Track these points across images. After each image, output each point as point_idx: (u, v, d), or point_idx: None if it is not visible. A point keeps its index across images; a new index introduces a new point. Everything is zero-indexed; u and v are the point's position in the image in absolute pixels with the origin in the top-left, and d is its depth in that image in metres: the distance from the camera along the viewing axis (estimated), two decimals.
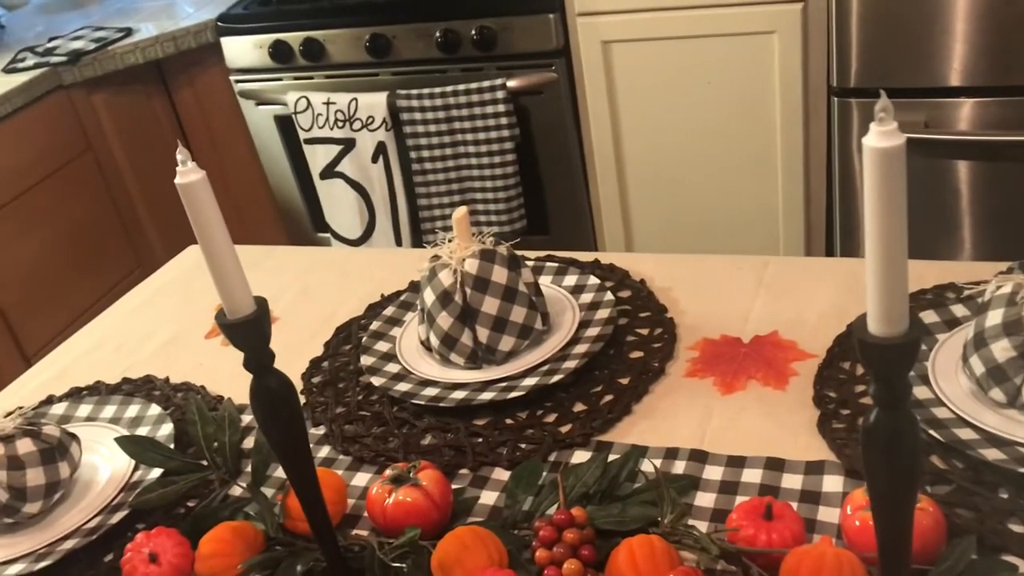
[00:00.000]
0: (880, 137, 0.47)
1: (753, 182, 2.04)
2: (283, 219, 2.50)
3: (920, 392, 0.86)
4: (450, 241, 1.04)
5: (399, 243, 2.27)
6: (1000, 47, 1.69)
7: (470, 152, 2.11)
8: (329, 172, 2.24)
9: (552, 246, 1.30)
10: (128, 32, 2.35)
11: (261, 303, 0.67)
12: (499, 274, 1.01)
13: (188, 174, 0.62)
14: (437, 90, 2.06)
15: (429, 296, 1.02)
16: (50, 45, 2.33)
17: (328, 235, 2.38)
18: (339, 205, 2.28)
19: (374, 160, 2.19)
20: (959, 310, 0.95)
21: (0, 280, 2.13)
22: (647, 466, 0.86)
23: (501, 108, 2.05)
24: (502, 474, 0.90)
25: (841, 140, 1.89)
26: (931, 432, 0.81)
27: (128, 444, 0.89)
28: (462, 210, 1.02)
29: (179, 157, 0.62)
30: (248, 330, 0.66)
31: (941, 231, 1.90)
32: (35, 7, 2.85)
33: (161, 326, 1.27)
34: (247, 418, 1.03)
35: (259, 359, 0.68)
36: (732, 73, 1.93)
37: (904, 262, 0.50)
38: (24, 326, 2.18)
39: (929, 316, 0.95)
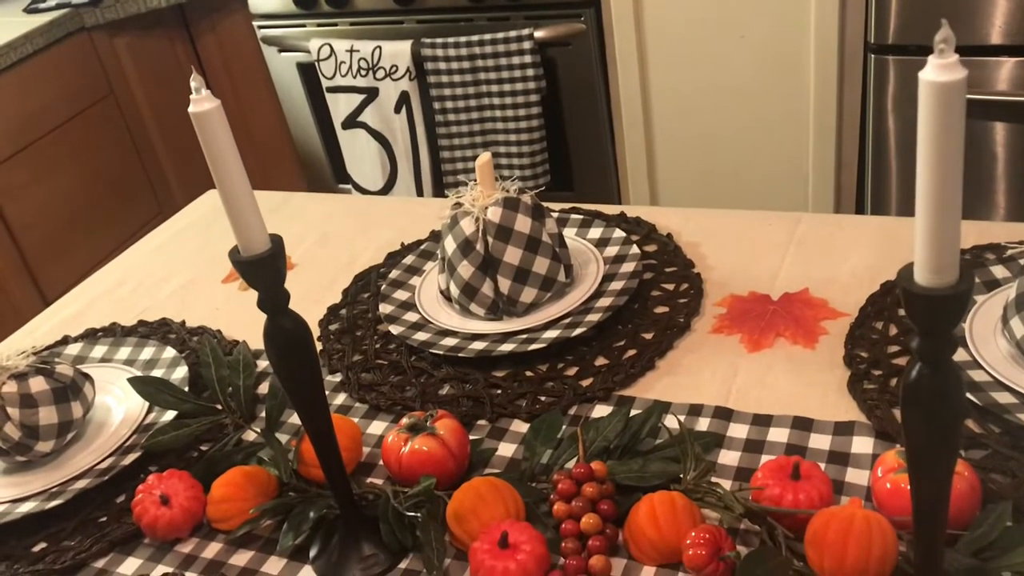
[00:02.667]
0: (939, 70, 0.43)
1: (784, 141, 1.99)
2: (304, 169, 2.48)
3: (957, 354, 0.83)
4: (473, 188, 1.01)
5: (420, 195, 2.25)
6: None
7: (495, 104, 2.07)
8: (351, 122, 2.21)
9: (576, 201, 1.26)
10: None
11: (276, 241, 0.65)
12: (522, 223, 0.98)
13: (202, 102, 0.59)
14: (463, 39, 2.02)
15: (450, 244, 0.99)
16: None
17: (349, 186, 2.35)
18: (361, 156, 2.26)
19: (397, 110, 2.16)
20: (999, 271, 0.91)
21: (21, 223, 2.12)
22: (670, 422, 0.83)
23: (528, 59, 2.00)
24: (521, 426, 0.88)
25: (876, 99, 1.83)
26: (968, 395, 0.78)
27: (141, 385, 0.88)
28: (485, 156, 0.99)
29: (193, 84, 0.59)
30: (263, 268, 0.64)
31: (977, 193, 1.85)
32: None
33: (178, 269, 1.25)
34: (263, 363, 1.01)
35: (274, 298, 0.66)
36: (766, 27, 1.88)
37: (958, 208, 0.47)
38: (45, 270, 2.18)
39: None
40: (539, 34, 1.99)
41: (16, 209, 2.10)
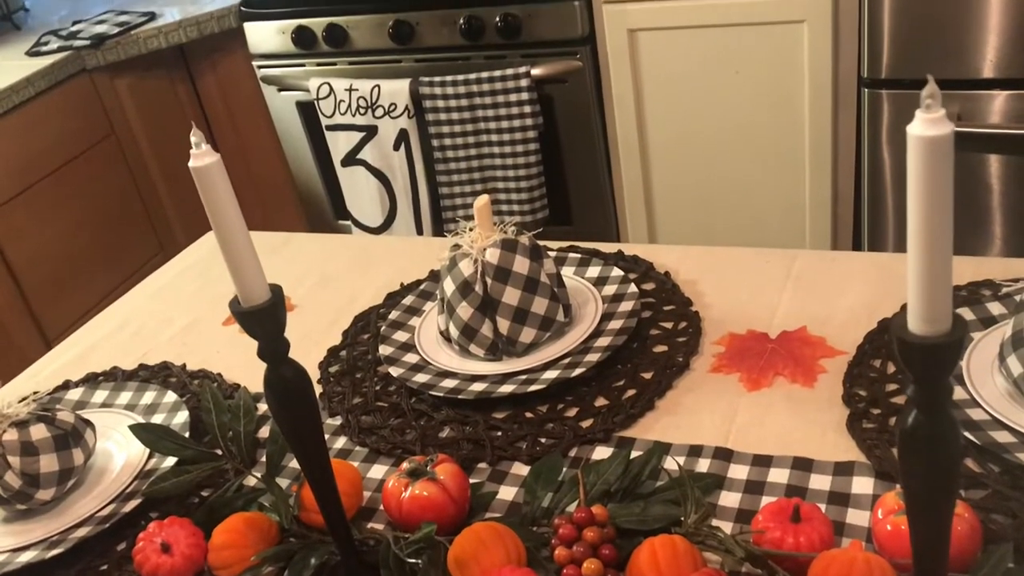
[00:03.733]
0: (927, 125, 0.44)
1: (780, 175, 2.01)
2: (304, 206, 2.49)
3: (955, 393, 0.83)
4: (471, 230, 1.02)
5: (420, 231, 2.26)
6: None
7: (493, 140, 2.09)
8: (350, 159, 2.22)
9: (574, 237, 1.28)
10: (151, 16, 2.34)
11: (276, 291, 0.65)
12: (521, 264, 0.98)
13: (202, 157, 0.60)
14: (460, 77, 2.04)
15: (449, 286, 1.00)
16: (74, 29, 2.33)
17: (349, 223, 2.36)
18: (360, 192, 2.27)
19: (396, 148, 2.17)
20: (995, 308, 0.92)
21: (23, 264, 2.13)
22: (670, 463, 0.83)
23: (525, 96, 2.02)
24: (521, 469, 0.88)
25: (871, 133, 1.85)
26: (966, 434, 0.78)
27: (142, 432, 0.88)
28: (484, 198, 1.00)
29: (193, 139, 0.60)
30: (262, 319, 0.64)
31: (971, 226, 1.86)
32: None
33: (179, 312, 1.26)
34: (263, 407, 1.01)
35: (273, 348, 0.66)
36: (760, 63, 1.90)
37: (949, 258, 0.47)
38: (46, 310, 2.19)
39: (964, 314, 0.92)
40: (536, 72, 2.01)
41: (17, 250, 2.11)
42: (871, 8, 1.72)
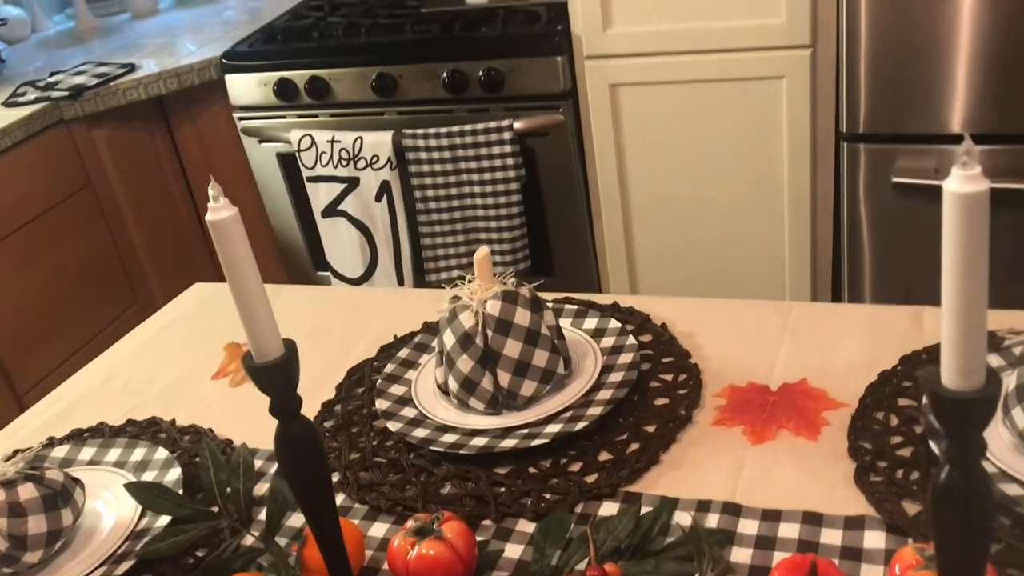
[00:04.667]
0: (963, 182, 0.45)
1: (760, 227, 2.03)
2: (282, 257, 2.47)
3: None
4: (470, 282, 1.01)
5: (401, 282, 2.25)
6: (1006, 95, 1.69)
7: (475, 192, 2.10)
8: (331, 210, 2.22)
9: (556, 288, 1.27)
10: (131, 68, 2.33)
11: (290, 346, 0.64)
12: (522, 316, 0.98)
13: (220, 210, 0.59)
14: (443, 130, 2.05)
15: (449, 338, 0.99)
16: (51, 80, 2.32)
17: (328, 274, 2.35)
18: (341, 243, 2.26)
19: (378, 199, 2.17)
20: (994, 360, 0.92)
21: None
22: (678, 518, 0.82)
23: (507, 149, 2.03)
24: (527, 526, 0.87)
25: (849, 186, 1.88)
26: None
27: (137, 491, 0.86)
28: (484, 250, 0.99)
29: (211, 192, 0.59)
30: (276, 374, 0.63)
31: None
32: (36, 42, 2.84)
33: (166, 366, 1.24)
34: (258, 463, 0.99)
35: (286, 405, 0.65)
36: (740, 117, 1.93)
37: (984, 313, 0.47)
38: (17, 363, 2.14)
39: None
40: (518, 125, 2.03)
41: None
42: (849, 65, 1.76)
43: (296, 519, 0.91)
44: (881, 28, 1.72)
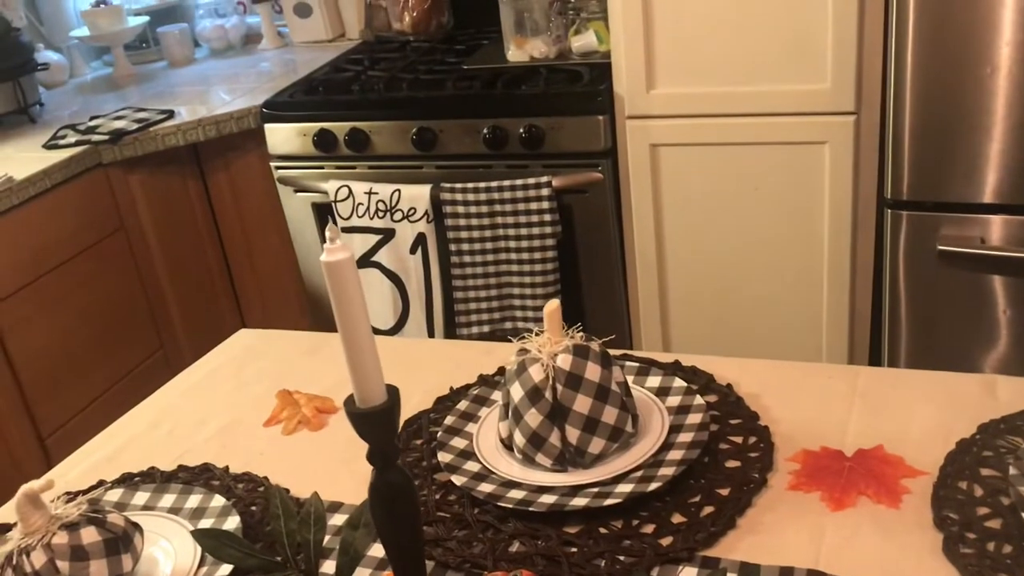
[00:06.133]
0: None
1: (798, 291, 2.02)
2: (311, 307, 2.46)
3: None
4: (538, 334, 1.00)
5: (431, 335, 2.23)
6: None
7: (511, 247, 2.09)
8: (365, 261, 2.21)
9: None
10: (170, 114, 2.35)
11: (393, 393, 0.63)
12: (592, 371, 0.96)
13: (335, 252, 0.58)
14: (482, 185, 2.06)
15: (517, 391, 0.97)
16: (92, 124, 2.33)
17: None
18: (373, 294, 2.25)
19: (412, 251, 2.17)
20: None
21: (21, 357, 2.07)
22: None
23: (545, 205, 2.04)
24: None
25: (891, 253, 1.87)
26: None
27: (204, 538, 0.83)
28: (555, 303, 0.98)
29: (328, 234, 0.58)
30: (378, 421, 0.62)
31: (984, 346, 1.87)
32: (73, 87, 2.87)
33: (215, 411, 1.22)
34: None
35: (384, 452, 0.63)
36: (781, 181, 1.93)
37: None
38: (41, 405, 2.11)
39: None
40: (557, 182, 2.03)
41: (19, 342, 2.05)
42: (895, 132, 1.77)
43: (360, 573, 0.88)
44: (925, 96, 1.73)
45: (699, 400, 1.03)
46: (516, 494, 0.95)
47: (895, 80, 1.74)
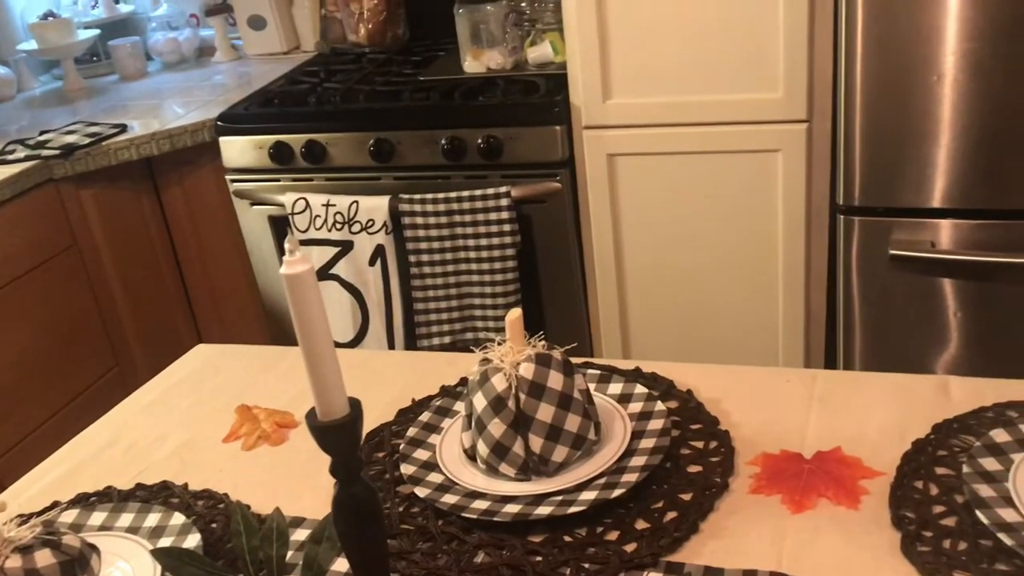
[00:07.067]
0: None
1: (753, 297, 2.05)
2: (269, 321, 2.44)
3: (1008, 515, 0.83)
4: (500, 344, 1.00)
5: (391, 347, 2.22)
6: (997, 171, 1.73)
7: (471, 258, 2.09)
8: (323, 274, 2.19)
9: None
10: (123, 128, 2.32)
11: (355, 406, 0.62)
12: (555, 380, 0.97)
13: (295, 264, 0.58)
14: (440, 195, 2.05)
15: (480, 401, 0.97)
16: (42, 138, 2.29)
17: None
18: (331, 307, 2.23)
19: (371, 263, 2.16)
20: None
21: None
22: None
23: (504, 215, 2.04)
24: None
25: (844, 257, 1.90)
26: None
27: (164, 557, 0.82)
28: (516, 312, 0.98)
29: (287, 246, 0.58)
30: (341, 434, 0.61)
31: (935, 348, 1.91)
32: (21, 101, 2.82)
33: (173, 428, 1.20)
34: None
35: (348, 465, 0.63)
36: (736, 189, 1.96)
37: None
38: None
39: (1000, 435, 0.93)
40: (516, 192, 2.04)
41: None
42: (846, 139, 1.80)
43: None
44: (875, 104, 1.76)
45: (660, 406, 1.04)
46: (480, 504, 0.95)
47: (845, 88, 1.77)
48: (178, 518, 0.97)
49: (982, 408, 0.99)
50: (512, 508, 0.93)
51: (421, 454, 1.04)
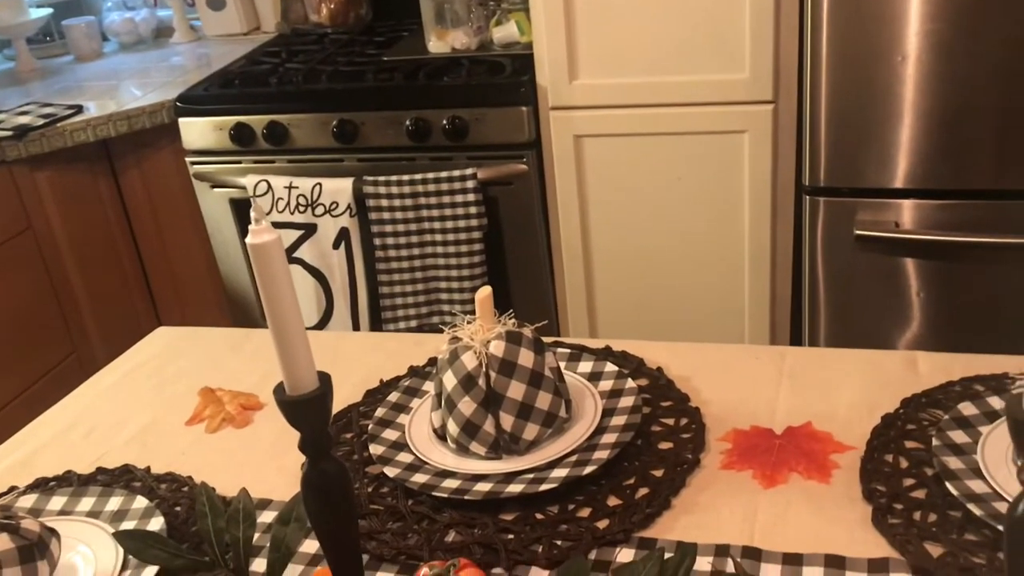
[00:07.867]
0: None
1: (720, 277, 2.05)
2: (231, 305, 2.40)
3: (976, 486, 0.84)
4: (470, 322, 0.98)
5: (357, 330, 2.20)
6: (957, 152, 1.75)
7: (436, 240, 2.08)
8: (287, 257, 2.16)
9: None
10: (78, 110, 2.26)
11: (325, 380, 0.61)
12: (525, 357, 0.96)
13: (261, 233, 0.56)
14: (405, 177, 2.03)
15: (450, 380, 0.96)
16: None
17: None
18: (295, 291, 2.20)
19: (336, 246, 2.13)
20: (996, 402, 0.93)
21: None
22: (698, 563, 0.80)
23: (471, 197, 2.02)
24: (539, 573, 0.83)
25: (810, 237, 1.91)
26: (999, 527, 0.78)
27: (127, 540, 0.80)
28: (486, 290, 0.97)
29: (252, 215, 0.56)
30: (310, 409, 0.60)
31: (899, 327, 1.93)
32: None
33: (135, 411, 1.17)
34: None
35: (317, 441, 0.61)
36: (702, 170, 1.96)
37: None
38: None
39: (966, 408, 0.93)
40: (482, 174, 2.02)
41: None
42: (811, 120, 1.81)
43: (292, 570, 0.86)
44: (841, 85, 1.77)
45: (631, 384, 1.04)
46: (451, 483, 0.93)
47: (811, 69, 1.77)
48: (141, 501, 0.95)
49: (950, 382, 1.00)
50: (483, 487, 0.92)
51: (390, 434, 1.02)
